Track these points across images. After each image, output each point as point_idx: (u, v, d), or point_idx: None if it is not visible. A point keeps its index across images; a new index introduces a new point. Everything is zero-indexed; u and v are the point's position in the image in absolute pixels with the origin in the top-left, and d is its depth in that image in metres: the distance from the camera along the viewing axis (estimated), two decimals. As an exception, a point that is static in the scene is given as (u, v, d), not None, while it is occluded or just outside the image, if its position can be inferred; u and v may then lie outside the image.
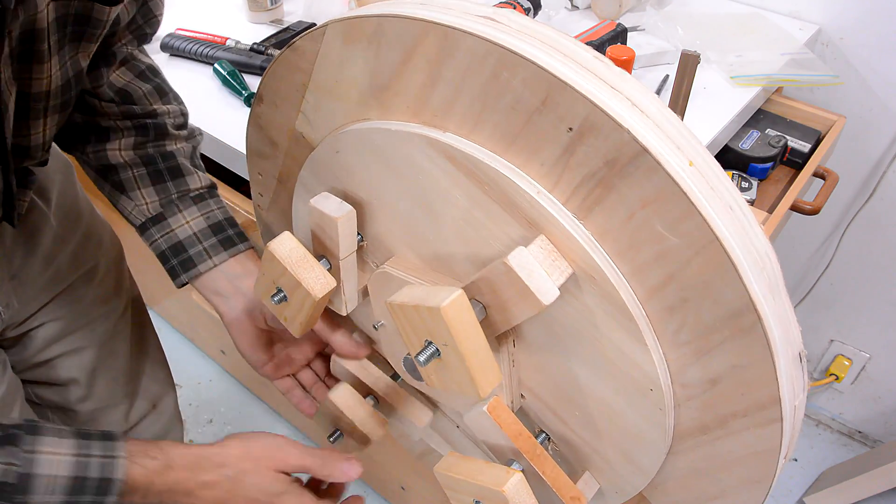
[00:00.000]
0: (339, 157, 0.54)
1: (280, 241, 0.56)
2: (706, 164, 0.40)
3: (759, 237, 0.41)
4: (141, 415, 0.89)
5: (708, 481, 0.50)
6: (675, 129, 0.40)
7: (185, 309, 1.52)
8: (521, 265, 0.43)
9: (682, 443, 0.50)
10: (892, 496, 1.35)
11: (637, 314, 0.44)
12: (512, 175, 0.44)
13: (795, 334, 0.43)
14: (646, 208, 0.40)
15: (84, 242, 0.79)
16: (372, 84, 0.50)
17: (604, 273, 0.43)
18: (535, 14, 1.10)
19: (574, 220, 0.44)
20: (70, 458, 0.48)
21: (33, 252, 0.72)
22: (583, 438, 0.55)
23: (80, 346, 0.80)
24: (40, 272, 0.73)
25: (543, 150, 0.43)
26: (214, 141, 0.91)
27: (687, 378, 0.47)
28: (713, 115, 0.92)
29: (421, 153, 0.48)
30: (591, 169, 0.41)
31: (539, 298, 0.44)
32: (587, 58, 0.41)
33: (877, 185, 1.21)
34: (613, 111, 0.39)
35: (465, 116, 0.46)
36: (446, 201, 0.49)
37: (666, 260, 0.42)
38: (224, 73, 0.99)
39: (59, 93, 0.55)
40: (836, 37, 1.11)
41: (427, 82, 0.46)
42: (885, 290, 1.32)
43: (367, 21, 0.47)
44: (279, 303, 0.58)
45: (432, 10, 0.45)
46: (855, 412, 1.53)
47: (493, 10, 0.44)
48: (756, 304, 0.40)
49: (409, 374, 0.59)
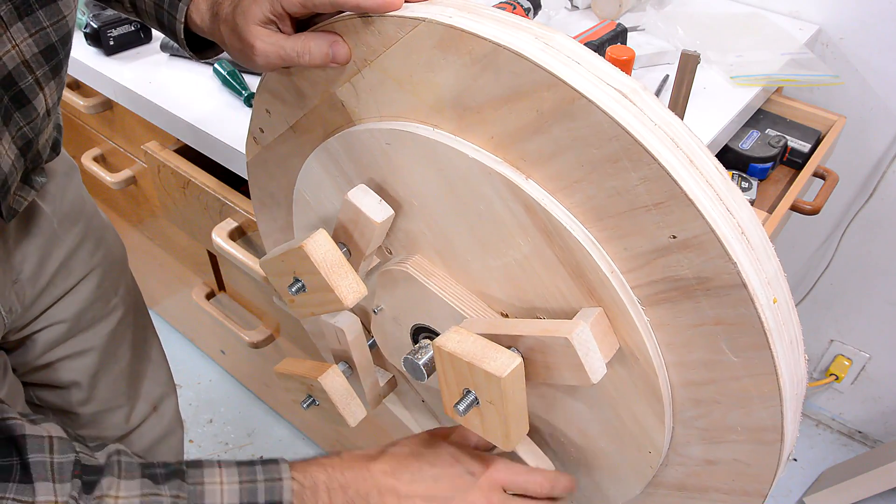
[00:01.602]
0: (388, 149, 0.51)
1: (316, 242, 0.52)
2: (785, 301, 0.41)
3: (803, 367, 0.43)
4: (142, 417, 0.89)
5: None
6: (769, 264, 0.40)
7: (185, 309, 1.52)
8: (582, 344, 0.43)
9: (656, 488, 0.52)
10: (892, 496, 1.35)
11: (666, 399, 0.45)
12: (591, 248, 0.43)
13: (795, 439, 0.46)
14: (718, 326, 0.41)
15: (87, 245, 0.79)
16: (457, 99, 0.46)
17: (650, 359, 0.44)
18: (535, 14, 1.09)
19: (638, 305, 0.43)
20: (235, 485, 0.50)
21: (35, 255, 0.71)
22: (567, 467, 0.57)
23: (82, 350, 0.80)
24: (42, 275, 0.73)
25: (633, 238, 0.41)
26: (214, 141, 0.91)
27: (686, 451, 0.49)
28: (713, 115, 0.92)
29: (493, 190, 0.46)
30: (678, 275, 0.41)
31: (589, 377, 0.44)
32: (710, 168, 0.40)
33: (877, 185, 1.21)
34: (727, 240, 0.38)
35: (559, 175, 0.43)
36: (505, 241, 0.47)
37: (715, 368, 0.43)
38: (224, 73, 0.99)
39: (43, 60, 0.54)
40: (836, 37, 1.11)
41: (528, 128, 0.43)
42: (885, 290, 1.32)
43: (478, 41, 0.42)
44: (296, 293, 0.55)
45: (559, 59, 0.41)
46: (855, 412, 1.53)
47: (630, 86, 0.41)
48: (784, 428, 0.42)
49: (407, 372, 0.59)
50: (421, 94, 0.48)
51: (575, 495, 0.57)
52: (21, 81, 0.54)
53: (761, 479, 0.45)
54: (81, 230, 0.78)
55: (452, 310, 0.52)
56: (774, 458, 0.43)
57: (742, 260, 0.38)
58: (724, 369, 0.42)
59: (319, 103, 0.56)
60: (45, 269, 0.73)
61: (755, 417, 0.43)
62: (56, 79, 0.58)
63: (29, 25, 0.52)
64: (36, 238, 0.71)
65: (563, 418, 0.53)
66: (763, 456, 0.44)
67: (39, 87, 0.56)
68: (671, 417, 0.46)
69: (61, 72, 0.59)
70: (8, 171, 0.56)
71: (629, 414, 0.47)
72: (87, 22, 1.05)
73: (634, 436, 0.48)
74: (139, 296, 0.91)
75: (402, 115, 0.50)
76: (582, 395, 0.50)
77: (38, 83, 0.56)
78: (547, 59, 0.40)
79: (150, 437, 0.90)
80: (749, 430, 0.44)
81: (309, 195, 0.62)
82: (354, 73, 0.51)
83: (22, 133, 0.57)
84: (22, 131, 0.57)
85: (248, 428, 1.56)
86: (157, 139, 1.04)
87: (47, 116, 0.60)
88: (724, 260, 0.38)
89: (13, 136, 0.56)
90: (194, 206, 1.03)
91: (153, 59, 1.06)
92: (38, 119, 0.58)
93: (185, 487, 0.49)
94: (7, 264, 0.68)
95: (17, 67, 0.53)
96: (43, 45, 0.54)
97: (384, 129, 0.51)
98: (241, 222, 0.96)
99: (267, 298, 1.15)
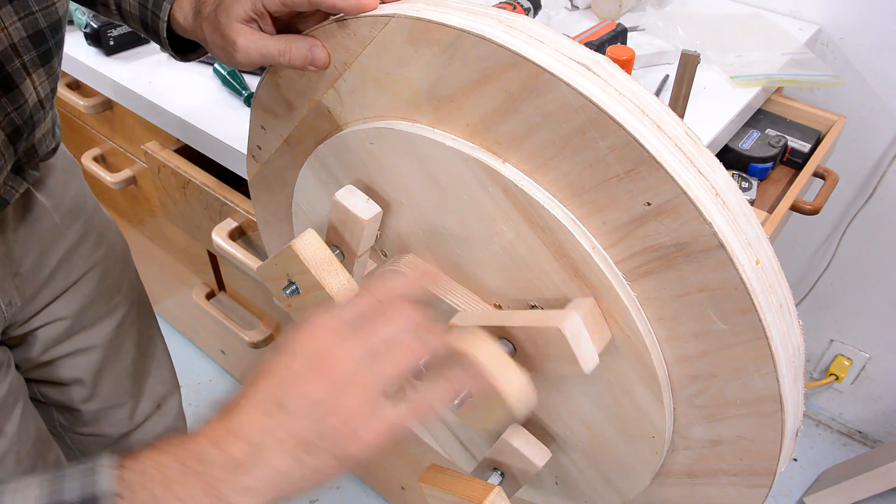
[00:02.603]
0: (372, 149, 0.52)
1: (305, 240, 0.53)
2: (770, 263, 0.41)
3: (797, 334, 0.43)
4: (145, 415, 0.89)
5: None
6: (749, 225, 0.40)
7: (186, 309, 1.52)
8: (573, 334, 0.43)
9: (666, 478, 0.52)
10: (892, 496, 1.35)
11: (662, 377, 0.45)
12: (571, 226, 0.43)
13: (801, 413, 0.45)
14: (703, 293, 0.41)
15: (88, 242, 0.79)
16: (431, 90, 0.47)
17: (641, 337, 0.44)
18: (535, 14, 1.09)
19: (624, 281, 0.43)
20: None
21: (36, 249, 0.72)
22: (573, 459, 0.56)
23: (84, 347, 0.80)
24: (43, 270, 0.73)
25: (610, 212, 0.42)
26: (214, 141, 0.91)
27: (690, 433, 0.48)
28: (713, 115, 0.92)
29: (473, 176, 0.46)
30: (657, 244, 0.41)
31: (581, 366, 0.44)
32: (679, 133, 0.40)
33: (877, 185, 1.21)
34: (700, 202, 0.38)
35: (532, 155, 0.44)
36: (489, 228, 0.48)
37: (706, 338, 0.42)
38: (224, 73, 0.99)
39: (31, 45, 0.55)
40: (836, 37, 1.11)
41: (498, 110, 0.44)
42: (885, 290, 1.32)
43: (444, 30, 0.43)
44: (290, 295, 0.56)
45: (521, 39, 0.42)
46: (855, 412, 1.53)
47: (593, 59, 0.41)
48: (783, 397, 0.41)
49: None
50: (398, 90, 0.49)
51: (586, 493, 0.57)
52: (8, 65, 0.54)
53: (767, 456, 0.44)
54: (82, 226, 0.78)
55: (447, 305, 0.52)
56: (777, 431, 0.43)
57: (717, 221, 0.38)
58: (714, 339, 0.42)
59: (308, 113, 0.57)
60: (45, 264, 0.73)
61: (752, 388, 0.42)
62: (46, 67, 0.59)
63: (18, 8, 0.53)
64: (37, 232, 0.72)
65: (566, 410, 0.52)
66: (765, 429, 0.43)
67: (27, 73, 0.57)
68: (670, 397, 0.46)
69: (52, 61, 0.59)
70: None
71: (628, 398, 0.47)
72: (87, 22, 1.05)
73: (636, 420, 0.48)
74: (143, 294, 0.91)
75: (384, 115, 0.51)
76: (580, 385, 0.50)
77: (26, 68, 0.56)
78: (509, 40, 0.41)
79: (153, 434, 0.90)
80: (748, 403, 0.43)
81: (305, 206, 0.63)
82: (336, 77, 0.52)
83: (10, 119, 0.57)
84: (10, 117, 0.57)
85: (248, 428, 1.56)
86: (157, 139, 1.04)
87: (40, 108, 0.61)
88: (700, 222, 0.38)
89: (0, 121, 0.56)
90: (194, 206, 1.03)
91: (153, 59, 1.06)
92: (26, 106, 0.58)
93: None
94: (7, 257, 0.68)
95: (4, 51, 0.54)
96: (31, 29, 0.55)
97: (367, 129, 0.52)
98: (241, 222, 0.96)
99: (267, 298, 1.15)
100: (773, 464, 0.44)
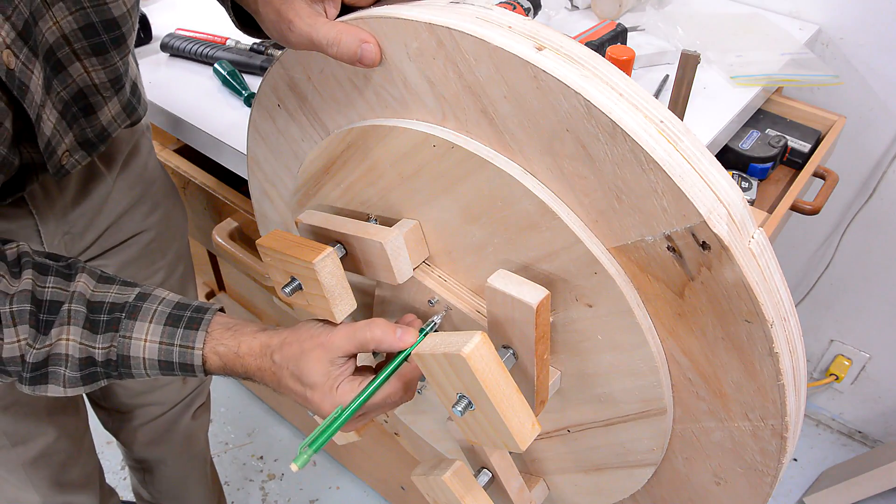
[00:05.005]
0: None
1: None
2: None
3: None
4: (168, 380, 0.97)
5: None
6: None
7: (185, 309, 1.51)
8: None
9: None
10: (892, 496, 1.35)
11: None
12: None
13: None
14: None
15: (142, 207, 0.82)
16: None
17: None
18: (535, 14, 1.09)
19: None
20: (156, 344, 0.56)
21: (90, 213, 0.75)
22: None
23: None
24: (93, 231, 0.77)
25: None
26: (214, 141, 0.91)
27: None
28: (713, 115, 0.92)
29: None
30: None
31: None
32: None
33: (877, 185, 1.21)
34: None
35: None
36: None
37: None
38: (224, 73, 0.99)
39: (82, 36, 0.58)
40: (836, 37, 1.11)
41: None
42: (885, 290, 1.32)
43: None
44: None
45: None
46: (855, 412, 1.53)
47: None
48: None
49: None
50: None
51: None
52: (59, 51, 0.57)
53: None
54: (139, 193, 0.81)
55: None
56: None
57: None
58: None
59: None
60: (96, 226, 0.77)
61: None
62: (99, 58, 0.61)
63: (70, 4, 0.56)
64: (92, 197, 0.75)
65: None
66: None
67: (77, 58, 0.59)
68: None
69: (107, 54, 0.61)
70: (51, 134, 0.59)
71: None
72: (87, 22, 1.05)
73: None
74: (189, 265, 0.95)
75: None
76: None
77: (76, 54, 0.58)
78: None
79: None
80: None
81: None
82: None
83: (59, 97, 0.59)
84: (59, 95, 0.59)
85: (248, 428, 1.56)
86: (157, 139, 1.04)
87: (95, 92, 0.63)
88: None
89: (53, 101, 0.58)
90: (194, 206, 1.03)
91: (153, 59, 1.06)
92: (73, 85, 0.60)
93: (117, 338, 0.56)
94: (62, 218, 0.72)
95: (56, 41, 0.56)
96: (83, 21, 0.57)
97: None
98: (241, 222, 0.96)
99: (267, 298, 1.15)
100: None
